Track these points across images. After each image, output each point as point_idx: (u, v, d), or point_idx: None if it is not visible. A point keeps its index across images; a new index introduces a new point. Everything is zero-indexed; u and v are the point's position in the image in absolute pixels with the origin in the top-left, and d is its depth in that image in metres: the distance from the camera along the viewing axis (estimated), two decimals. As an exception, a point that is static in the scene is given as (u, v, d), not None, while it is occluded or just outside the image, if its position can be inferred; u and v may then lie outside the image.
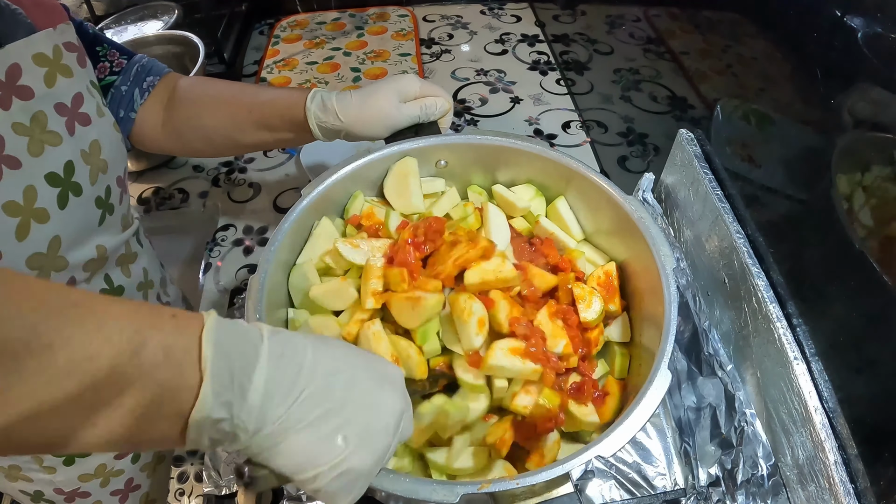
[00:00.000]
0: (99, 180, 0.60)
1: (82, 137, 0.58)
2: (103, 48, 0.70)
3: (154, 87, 0.72)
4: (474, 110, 1.20)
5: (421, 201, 0.71)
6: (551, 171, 0.70)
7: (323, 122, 0.70)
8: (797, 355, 0.51)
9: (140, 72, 0.72)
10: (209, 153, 1.00)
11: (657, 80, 0.93)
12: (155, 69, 0.73)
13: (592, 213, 0.70)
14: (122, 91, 0.70)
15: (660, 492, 0.60)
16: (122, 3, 1.38)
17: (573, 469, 0.46)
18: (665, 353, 0.52)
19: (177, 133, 0.74)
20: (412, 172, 0.71)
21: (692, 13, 0.83)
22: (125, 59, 0.71)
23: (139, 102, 0.71)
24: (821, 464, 0.47)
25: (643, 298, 0.62)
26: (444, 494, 0.44)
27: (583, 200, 0.70)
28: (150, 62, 0.74)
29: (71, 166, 0.56)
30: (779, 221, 0.61)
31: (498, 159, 0.73)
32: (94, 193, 0.60)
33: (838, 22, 0.51)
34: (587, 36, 1.26)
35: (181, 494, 0.70)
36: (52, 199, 0.54)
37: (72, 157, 0.56)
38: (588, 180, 0.67)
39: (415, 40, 1.41)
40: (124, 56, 0.71)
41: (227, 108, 0.73)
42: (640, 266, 0.62)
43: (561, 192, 0.72)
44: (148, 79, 0.72)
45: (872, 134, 0.50)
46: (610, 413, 0.57)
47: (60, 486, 0.72)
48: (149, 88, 0.72)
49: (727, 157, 0.68)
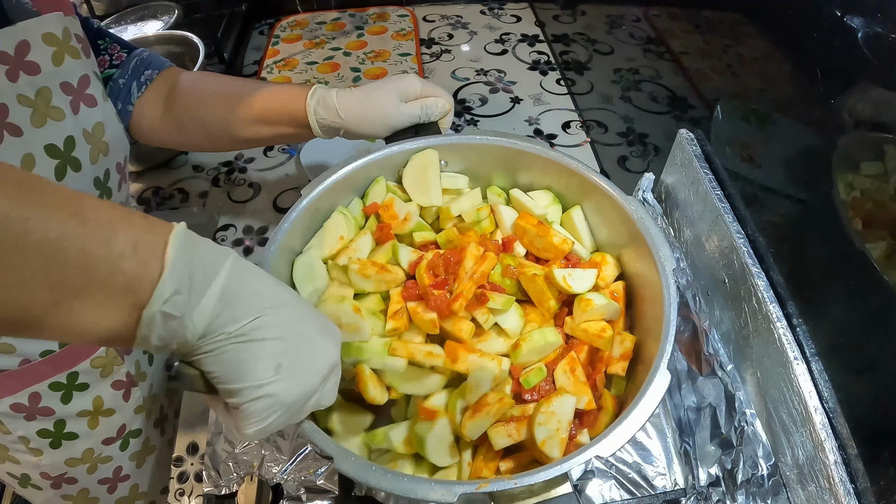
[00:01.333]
0: (100, 161, 0.61)
1: (86, 118, 0.59)
2: (105, 42, 0.70)
3: (153, 80, 0.73)
4: (474, 110, 1.20)
5: (440, 196, 0.71)
6: (551, 171, 0.70)
7: (323, 118, 0.70)
8: (797, 355, 0.51)
9: (139, 65, 0.72)
10: (208, 147, 0.99)
11: (657, 80, 0.93)
12: (155, 63, 0.73)
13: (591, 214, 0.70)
14: (119, 84, 0.71)
15: (660, 492, 0.60)
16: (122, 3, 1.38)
17: (572, 469, 0.46)
18: (665, 354, 0.52)
19: (176, 125, 0.74)
20: (432, 166, 0.71)
21: (692, 13, 0.83)
22: (125, 53, 0.71)
23: (136, 95, 0.72)
24: (821, 464, 0.47)
25: (643, 298, 0.62)
26: (442, 494, 0.44)
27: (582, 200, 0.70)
28: (151, 56, 0.74)
29: (72, 141, 0.57)
30: (779, 221, 0.61)
31: (499, 160, 0.73)
32: (94, 173, 0.61)
33: (838, 22, 0.51)
34: (587, 36, 1.26)
35: (181, 494, 0.70)
36: (50, 170, 0.55)
37: (73, 133, 0.57)
38: (587, 180, 0.67)
39: (415, 40, 1.41)
40: (125, 50, 0.72)
41: (226, 102, 0.73)
42: (641, 266, 0.62)
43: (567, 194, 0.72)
44: (146, 72, 0.72)
45: (872, 134, 0.50)
46: (601, 428, 0.57)
47: (47, 471, 0.72)
48: (147, 82, 0.72)
49: (727, 157, 0.68)
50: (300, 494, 0.59)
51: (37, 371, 0.63)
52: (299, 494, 0.59)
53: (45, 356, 0.63)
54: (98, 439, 0.73)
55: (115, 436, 0.74)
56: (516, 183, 0.75)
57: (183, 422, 0.74)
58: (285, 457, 0.61)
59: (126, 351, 0.72)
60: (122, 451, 0.77)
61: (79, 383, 0.67)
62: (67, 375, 0.66)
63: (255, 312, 0.38)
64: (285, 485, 0.57)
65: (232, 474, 0.61)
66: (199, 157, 1.14)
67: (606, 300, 0.61)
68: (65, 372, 0.65)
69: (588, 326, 0.61)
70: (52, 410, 0.66)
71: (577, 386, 0.57)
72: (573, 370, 0.58)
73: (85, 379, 0.67)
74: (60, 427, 0.68)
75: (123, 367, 0.72)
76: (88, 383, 0.68)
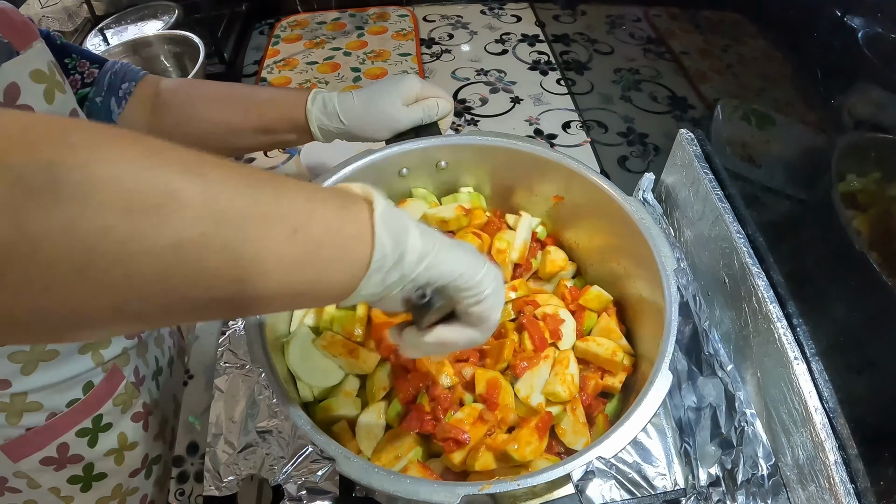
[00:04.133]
0: None
1: None
2: (72, 59, 0.66)
3: (131, 93, 0.69)
4: (474, 110, 1.20)
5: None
6: (551, 171, 0.70)
7: (325, 124, 0.69)
8: (797, 355, 0.51)
9: (113, 80, 0.68)
10: None
11: (657, 80, 0.93)
12: (129, 74, 0.69)
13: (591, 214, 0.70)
14: (97, 103, 0.67)
15: (660, 492, 0.60)
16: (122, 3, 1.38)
17: (574, 470, 0.46)
18: (666, 354, 0.52)
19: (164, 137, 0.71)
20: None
21: (692, 13, 0.83)
22: (96, 69, 0.68)
23: (118, 112, 0.68)
24: (821, 464, 0.47)
25: (643, 299, 0.62)
26: (444, 495, 0.44)
27: (583, 201, 0.70)
28: (123, 67, 0.70)
29: None
30: (779, 221, 0.61)
31: (498, 160, 0.73)
32: None
33: (838, 22, 0.51)
34: (587, 36, 1.26)
35: (181, 494, 0.70)
36: None
37: None
38: (588, 181, 0.67)
39: (415, 40, 1.41)
40: (95, 65, 0.68)
41: (221, 111, 0.70)
42: (641, 266, 0.62)
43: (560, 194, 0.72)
44: (123, 86, 0.68)
45: (872, 134, 0.50)
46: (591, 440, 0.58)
47: None
48: (125, 96, 0.69)
49: (727, 157, 0.68)
50: (300, 495, 0.59)
51: (63, 422, 0.62)
52: (300, 495, 0.59)
53: (71, 405, 0.62)
54: (125, 474, 0.72)
55: (140, 466, 0.73)
56: (494, 180, 0.75)
57: (183, 422, 0.74)
58: (286, 457, 0.61)
59: (140, 381, 0.71)
60: (146, 480, 0.76)
61: (104, 424, 0.66)
62: (93, 419, 0.64)
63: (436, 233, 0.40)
64: (285, 485, 0.57)
65: (232, 475, 0.61)
66: (199, 157, 1.14)
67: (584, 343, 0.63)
68: (90, 416, 0.64)
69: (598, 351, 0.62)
70: (82, 457, 0.65)
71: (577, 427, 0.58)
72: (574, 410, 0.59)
73: (109, 419, 0.66)
74: (89, 470, 0.67)
75: (140, 398, 0.71)
76: (112, 422, 0.67)
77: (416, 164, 0.73)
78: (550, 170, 0.70)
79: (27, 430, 0.59)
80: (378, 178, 0.72)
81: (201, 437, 0.72)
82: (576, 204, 0.71)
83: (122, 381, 0.67)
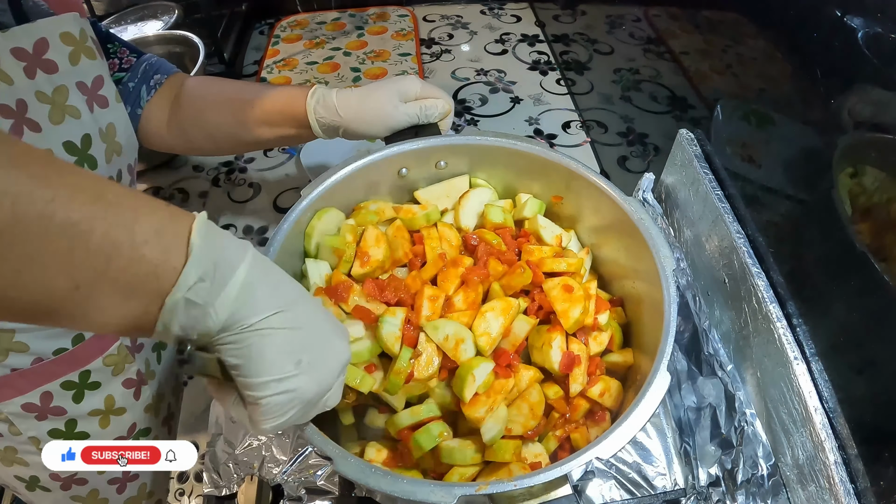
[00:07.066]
0: (113, 161, 0.62)
1: (100, 118, 0.60)
2: (114, 46, 0.71)
3: (161, 84, 0.74)
4: (474, 110, 1.20)
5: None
6: (551, 171, 0.70)
7: (323, 117, 0.71)
8: (797, 355, 0.51)
9: (148, 70, 0.73)
10: (212, 151, 1.00)
11: (657, 80, 0.93)
12: (163, 68, 0.75)
13: (591, 214, 0.70)
14: (129, 88, 0.71)
15: (660, 492, 0.60)
16: (122, 3, 1.38)
17: (572, 470, 0.46)
18: (665, 354, 0.52)
19: (181, 131, 0.75)
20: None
21: (692, 13, 0.83)
22: (134, 58, 0.72)
23: (146, 99, 0.72)
24: (821, 464, 0.47)
25: (643, 299, 0.62)
26: (441, 496, 0.44)
27: (582, 201, 0.70)
28: (159, 61, 0.75)
29: (88, 140, 0.57)
30: (779, 221, 0.61)
31: (498, 160, 0.73)
32: (108, 172, 0.61)
33: (838, 22, 0.51)
34: (587, 36, 1.26)
35: (181, 494, 0.70)
36: None
37: (90, 131, 0.58)
38: (587, 181, 0.67)
39: (415, 40, 1.41)
40: (134, 54, 0.73)
41: (230, 106, 0.74)
42: (640, 266, 0.62)
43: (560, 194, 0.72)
44: (155, 77, 0.73)
45: (872, 134, 0.50)
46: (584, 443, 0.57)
47: (56, 472, 0.71)
48: (156, 86, 0.73)
49: (727, 157, 0.68)
50: (300, 495, 0.59)
51: (49, 370, 0.63)
52: (300, 495, 0.59)
53: (58, 354, 0.63)
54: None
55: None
56: (515, 183, 0.75)
57: (183, 422, 0.74)
58: (285, 457, 0.61)
59: (137, 349, 0.72)
60: None
61: (91, 382, 0.67)
62: (80, 374, 0.65)
63: (277, 306, 0.38)
64: (285, 485, 0.57)
65: (232, 475, 0.61)
66: (200, 157, 1.14)
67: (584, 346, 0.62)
68: (77, 370, 0.65)
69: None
70: (64, 410, 0.66)
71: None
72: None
73: (97, 377, 0.67)
74: (72, 426, 0.68)
75: (134, 365, 0.72)
76: (100, 382, 0.68)
77: (416, 164, 0.73)
78: (550, 170, 0.70)
79: (12, 370, 0.60)
80: (378, 178, 0.72)
81: (201, 438, 0.72)
82: (575, 204, 0.71)
83: (116, 343, 0.68)
